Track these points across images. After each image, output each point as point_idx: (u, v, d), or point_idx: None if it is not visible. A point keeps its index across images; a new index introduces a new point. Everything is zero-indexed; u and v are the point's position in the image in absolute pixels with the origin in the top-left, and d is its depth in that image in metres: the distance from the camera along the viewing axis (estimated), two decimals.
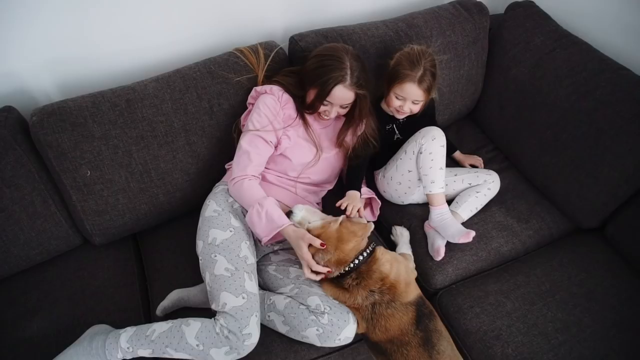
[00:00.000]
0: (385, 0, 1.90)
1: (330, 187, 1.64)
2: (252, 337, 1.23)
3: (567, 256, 1.55)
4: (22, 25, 1.36)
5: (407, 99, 1.50)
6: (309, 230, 1.29)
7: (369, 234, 1.32)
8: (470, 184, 1.64)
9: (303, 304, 1.29)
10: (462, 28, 1.77)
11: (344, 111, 1.45)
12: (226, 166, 1.57)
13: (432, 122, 1.74)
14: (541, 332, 1.36)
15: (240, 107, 1.53)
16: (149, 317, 1.43)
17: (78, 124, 1.34)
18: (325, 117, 1.45)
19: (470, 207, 1.59)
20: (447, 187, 1.63)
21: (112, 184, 1.42)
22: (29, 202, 1.38)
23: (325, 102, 1.39)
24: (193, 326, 1.22)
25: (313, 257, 1.26)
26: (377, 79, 1.57)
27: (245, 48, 1.55)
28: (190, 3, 1.55)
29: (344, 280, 1.28)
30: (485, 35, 1.84)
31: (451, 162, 1.81)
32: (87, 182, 1.38)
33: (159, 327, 1.24)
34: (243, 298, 1.24)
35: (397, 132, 1.65)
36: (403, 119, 1.61)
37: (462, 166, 1.81)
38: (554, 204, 1.70)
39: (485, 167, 1.82)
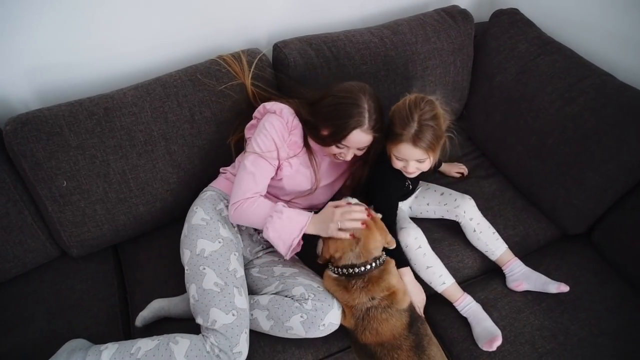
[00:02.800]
0: (371, 7, 1.89)
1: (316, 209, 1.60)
2: (242, 355, 1.21)
3: (554, 263, 1.54)
4: (0, 34, 1.33)
5: (408, 159, 1.35)
6: None
7: (391, 246, 1.33)
8: (442, 216, 1.58)
9: (288, 296, 1.27)
10: (447, 35, 1.76)
11: (360, 153, 1.39)
12: (221, 170, 1.52)
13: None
14: (528, 340, 1.34)
15: (223, 115, 1.50)
16: (129, 331, 1.39)
17: (54, 134, 1.30)
18: (341, 159, 1.39)
19: (491, 246, 1.50)
20: (421, 214, 1.62)
21: (90, 195, 1.38)
22: (3, 213, 1.34)
23: (340, 146, 1.33)
24: (182, 344, 1.18)
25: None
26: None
27: (228, 56, 1.53)
28: (172, 11, 1.53)
29: (352, 281, 1.25)
30: (471, 42, 1.84)
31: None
32: (63, 193, 1.35)
33: (145, 345, 1.19)
34: (233, 315, 1.21)
35: (410, 186, 1.55)
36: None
37: (448, 176, 1.79)
38: (541, 210, 1.69)
39: (471, 174, 1.81)
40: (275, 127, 1.34)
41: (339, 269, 1.27)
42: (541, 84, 1.66)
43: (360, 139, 1.31)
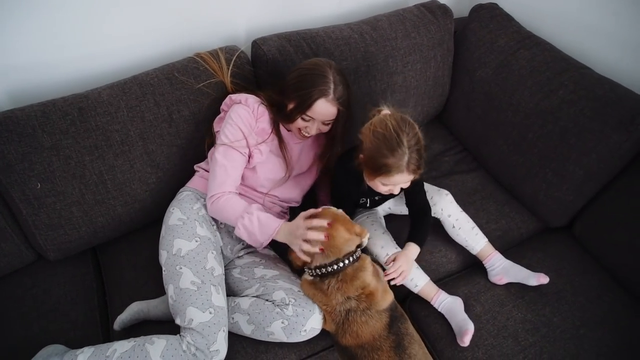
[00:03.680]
0: (350, 3, 1.88)
1: (296, 204, 1.59)
2: (219, 354, 1.19)
3: (536, 256, 1.54)
4: None
5: (396, 184, 1.31)
6: None
7: (364, 239, 1.29)
8: None
9: (268, 300, 1.26)
10: (426, 30, 1.76)
11: (325, 128, 1.39)
12: (195, 167, 1.51)
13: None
14: (511, 333, 1.34)
15: (202, 114, 1.48)
16: (108, 335, 1.36)
17: (26, 135, 1.27)
18: (306, 135, 1.39)
19: (470, 241, 1.49)
20: (401, 212, 1.61)
21: (65, 197, 1.35)
22: None
23: (305, 117, 1.34)
24: (158, 344, 1.16)
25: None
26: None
27: (205, 53, 1.51)
28: (148, 8, 1.50)
29: (326, 281, 1.23)
30: (451, 37, 1.84)
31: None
32: (37, 195, 1.32)
33: (120, 347, 1.17)
34: (210, 313, 1.20)
35: (368, 204, 1.53)
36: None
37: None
38: (523, 203, 1.69)
39: (454, 168, 1.82)
40: (242, 116, 1.35)
41: (313, 270, 1.25)
42: (521, 78, 1.67)
43: (325, 109, 1.32)
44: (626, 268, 1.47)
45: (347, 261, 1.24)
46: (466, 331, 1.31)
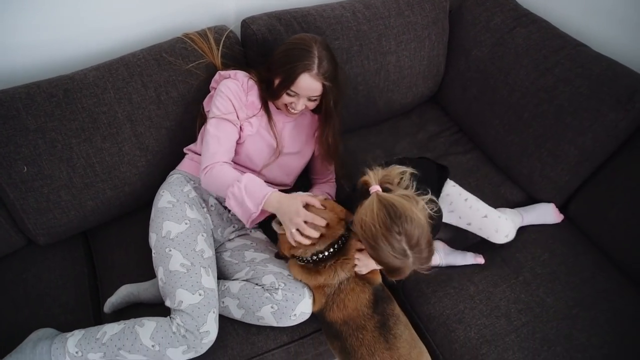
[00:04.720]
0: None
1: (288, 188, 1.56)
2: (210, 335, 1.18)
3: (531, 236, 1.53)
4: None
5: None
6: None
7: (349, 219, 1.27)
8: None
9: (258, 284, 1.25)
10: (421, 8, 1.73)
11: (312, 104, 1.37)
12: (185, 150, 1.49)
13: None
14: (504, 313, 1.34)
15: (191, 95, 1.46)
16: (99, 319, 1.36)
17: (10, 117, 1.25)
18: (293, 111, 1.37)
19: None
20: None
21: (53, 180, 1.33)
22: None
23: (290, 92, 1.31)
24: (148, 326, 1.16)
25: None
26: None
27: (194, 34, 1.48)
28: None
29: (322, 263, 1.22)
30: (445, 15, 1.81)
31: None
32: (24, 179, 1.30)
33: (110, 329, 1.18)
34: (200, 295, 1.19)
35: None
36: None
37: None
38: (518, 184, 1.68)
39: (450, 149, 1.79)
40: (231, 89, 1.34)
41: (310, 258, 1.23)
42: (517, 56, 1.64)
43: (309, 84, 1.29)
44: (620, 248, 1.46)
45: (341, 240, 1.24)
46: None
